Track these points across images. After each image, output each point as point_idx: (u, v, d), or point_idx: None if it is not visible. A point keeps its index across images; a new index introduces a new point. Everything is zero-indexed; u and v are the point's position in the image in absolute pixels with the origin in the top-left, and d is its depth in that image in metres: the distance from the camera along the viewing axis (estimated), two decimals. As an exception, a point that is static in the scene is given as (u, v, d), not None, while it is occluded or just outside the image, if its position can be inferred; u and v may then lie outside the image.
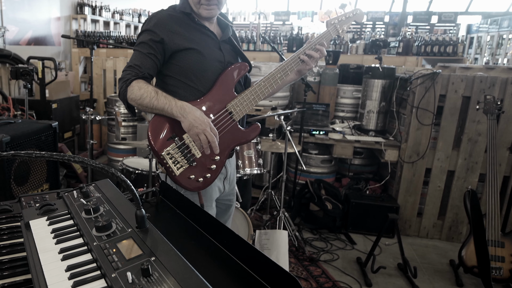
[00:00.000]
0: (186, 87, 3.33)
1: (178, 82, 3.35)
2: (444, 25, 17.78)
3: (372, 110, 7.41)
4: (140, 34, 3.31)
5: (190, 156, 3.21)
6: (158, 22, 3.22)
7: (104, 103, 9.81)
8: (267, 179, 7.67)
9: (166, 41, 3.19)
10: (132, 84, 3.11)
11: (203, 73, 3.33)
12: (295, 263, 5.80)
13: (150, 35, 3.19)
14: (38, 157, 1.84)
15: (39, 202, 2.36)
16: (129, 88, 3.12)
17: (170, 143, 3.18)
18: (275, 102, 7.54)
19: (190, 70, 3.31)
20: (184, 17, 3.32)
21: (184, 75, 3.33)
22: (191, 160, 3.21)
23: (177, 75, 3.34)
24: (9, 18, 8.70)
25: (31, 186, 5.33)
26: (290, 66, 3.54)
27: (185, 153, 3.20)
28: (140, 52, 3.22)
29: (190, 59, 3.28)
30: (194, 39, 3.30)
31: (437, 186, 6.57)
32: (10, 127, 5.23)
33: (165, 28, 3.21)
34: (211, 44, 3.39)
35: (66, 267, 1.60)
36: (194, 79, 3.33)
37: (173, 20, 3.27)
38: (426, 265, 5.90)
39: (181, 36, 3.25)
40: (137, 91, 3.09)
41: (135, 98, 3.11)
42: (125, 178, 1.80)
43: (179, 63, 3.30)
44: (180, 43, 3.24)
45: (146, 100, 3.09)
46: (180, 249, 1.58)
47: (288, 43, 10.25)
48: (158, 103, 3.10)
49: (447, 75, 6.24)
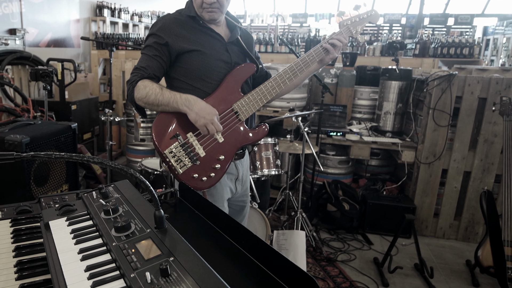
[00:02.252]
0: (192, 88, 3.38)
1: (184, 84, 3.42)
2: (460, 27, 17.67)
3: (389, 111, 7.42)
4: (146, 38, 3.41)
5: (194, 155, 3.25)
6: (162, 26, 3.31)
7: (123, 105, 9.82)
8: (284, 180, 7.67)
9: (170, 43, 3.27)
10: (138, 84, 3.21)
11: (208, 74, 3.39)
12: (312, 263, 5.82)
13: (155, 39, 3.30)
14: (57, 158, 1.88)
15: (58, 203, 2.39)
16: (135, 88, 3.21)
17: (173, 141, 3.23)
18: (293, 104, 7.56)
19: (195, 72, 3.37)
20: (189, 20, 3.39)
21: (189, 77, 3.40)
22: (194, 159, 3.24)
23: (182, 77, 3.41)
24: (28, 20, 8.75)
25: (51, 187, 5.35)
26: (299, 66, 3.55)
27: (189, 152, 3.25)
28: (146, 54, 3.32)
29: (195, 60, 3.35)
30: (199, 41, 3.37)
31: (454, 187, 6.57)
32: (30, 128, 5.25)
33: (169, 32, 3.29)
34: (217, 45, 3.43)
35: (86, 267, 1.63)
36: (199, 81, 3.39)
37: (178, 24, 3.35)
38: (443, 265, 5.91)
39: (185, 39, 3.33)
40: (143, 90, 3.18)
41: (141, 97, 3.19)
42: (144, 179, 1.84)
43: (184, 65, 3.38)
44: (184, 45, 3.31)
45: (151, 97, 3.17)
46: (198, 249, 1.61)
47: (306, 45, 10.25)
48: (163, 98, 3.17)
49: (463, 76, 6.24)
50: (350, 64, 8.05)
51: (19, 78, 8.43)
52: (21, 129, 5.15)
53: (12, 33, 8.26)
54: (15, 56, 8.04)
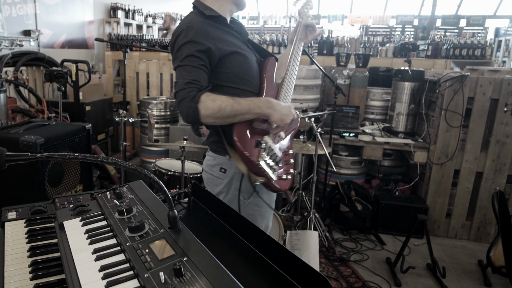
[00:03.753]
0: (239, 92, 3.14)
1: (230, 90, 3.13)
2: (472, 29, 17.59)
3: (401, 112, 7.42)
4: (180, 47, 3.03)
5: (275, 157, 3.12)
6: (197, 32, 3.00)
7: (137, 106, 9.82)
8: (297, 180, 7.69)
9: (213, 48, 3.00)
10: (203, 100, 2.86)
11: (251, 73, 3.24)
12: (325, 263, 5.84)
13: (196, 46, 2.97)
14: (72, 159, 1.88)
15: (73, 203, 2.40)
16: (200, 105, 2.85)
17: (258, 149, 3.01)
18: (306, 105, 7.56)
19: (239, 74, 3.18)
20: (214, 22, 3.16)
21: (234, 81, 3.17)
22: (278, 161, 3.12)
23: (227, 83, 3.16)
24: (43, 22, 8.77)
25: (65, 187, 5.38)
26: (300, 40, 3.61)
27: (272, 155, 3.09)
28: (190, 66, 2.96)
29: (236, 62, 3.15)
30: (232, 41, 3.19)
31: (466, 187, 6.59)
32: (45, 129, 5.27)
33: (207, 36, 3.01)
34: (241, 43, 3.30)
35: (100, 267, 1.64)
36: (245, 82, 3.21)
37: (208, 27, 3.08)
38: (455, 265, 5.92)
39: (223, 41, 3.10)
40: (212, 104, 2.86)
41: (213, 113, 2.87)
42: (158, 179, 1.83)
43: (227, 69, 3.13)
44: (225, 48, 3.08)
45: (227, 109, 2.89)
46: (211, 249, 1.61)
47: (319, 46, 10.22)
48: (241, 107, 2.94)
49: (475, 77, 6.26)
50: (363, 65, 8.05)
51: (34, 79, 8.46)
52: (35, 130, 5.17)
53: (26, 35, 8.29)
54: (29, 57, 8.07)
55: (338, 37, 10.02)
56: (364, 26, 18.13)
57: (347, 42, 9.92)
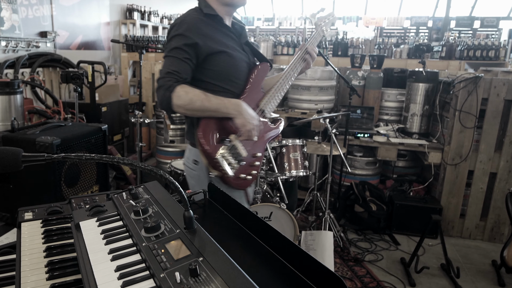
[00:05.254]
0: (222, 90, 3.31)
1: (213, 86, 3.31)
2: (486, 30, 17.50)
3: (415, 113, 7.43)
4: (171, 39, 3.23)
5: (238, 155, 3.23)
6: (189, 26, 3.18)
7: (153, 107, 9.83)
8: (312, 181, 7.70)
9: (200, 44, 3.15)
10: (177, 90, 3.04)
11: (236, 75, 3.36)
12: (340, 263, 5.86)
13: (184, 40, 3.14)
14: (88, 160, 1.89)
15: (89, 204, 2.38)
16: (174, 94, 3.04)
17: (221, 145, 3.17)
18: (321, 106, 7.58)
19: (224, 73, 3.31)
20: (210, 21, 3.31)
21: (218, 79, 3.32)
22: (239, 160, 3.23)
23: (211, 79, 3.32)
24: (59, 23, 8.82)
25: (81, 188, 5.42)
26: (298, 62, 3.67)
27: (234, 153, 3.21)
28: (175, 57, 3.16)
29: (223, 62, 3.28)
30: (224, 41, 3.32)
31: (480, 188, 6.59)
32: (61, 130, 5.32)
33: (197, 32, 3.18)
34: (235, 45, 3.43)
35: (116, 267, 1.62)
36: (228, 82, 3.35)
37: (202, 23, 3.25)
38: (469, 265, 5.93)
39: (212, 39, 3.24)
40: (185, 96, 3.04)
41: (183, 104, 3.05)
42: (173, 180, 1.83)
43: (212, 67, 3.28)
44: (213, 46, 3.21)
45: (197, 103, 3.06)
46: (227, 249, 1.58)
47: (333, 47, 10.22)
48: (210, 104, 3.08)
49: (489, 79, 6.26)
50: (377, 66, 8.06)
51: (50, 80, 8.50)
52: (52, 130, 5.22)
53: (43, 36, 8.33)
54: (46, 59, 8.11)
55: (353, 38, 10.01)
56: (379, 27, 18.09)
57: (362, 44, 9.91)
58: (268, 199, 5.25)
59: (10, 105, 6.14)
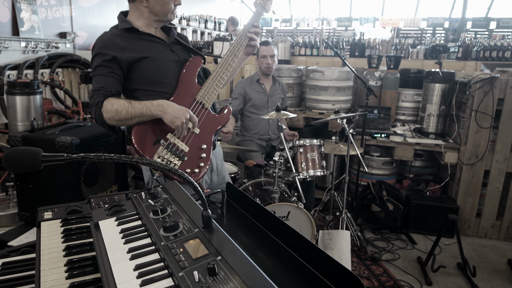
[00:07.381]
0: (153, 93, 3.49)
1: (144, 92, 3.52)
2: (502, 31, 17.40)
3: (432, 113, 7.44)
4: (92, 60, 3.44)
5: (179, 152, 3.38)
6: (104, 44, 3.39)
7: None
8: (330, 181, 7.72)
9: (118, 57, 3.34)
10: (104, 105, 3.24)
11: (164, 76, 3.54)
12: (357, 262, 5.88)
13: (102, 57, 3.34)
14: (107, 159, 1.93)
15: (108, 203, 2.46)
16: (102, 110, 3.25)
17: (157, 147, 3.34)
18: (338, 106, 7.61)
19: (151, 78, 3.49)
20: (126, 33, 3.49)
21: (147, 84, 3.51)
22: (181, 156, 3.37)
23: (141, 86, 3.52)
24: (79, 24, 8.85)
25: (100, 188, 5.42)
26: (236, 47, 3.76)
27: (174, 151, 3.36)
28: (99, 75, 3.36)
29: (147, 67, 3.47)
30: (143, 48, 3.49)
31: (496, 188, 6.58)
32: (80, 130, 5.32)
33: (113, 47, 3.36)
34: (161, 48, 3.61)
35: (135, 266, 1.65)
36: (158, 84, 3.53)
37: (117, 38, 3.43)
38: (485, 265, 5.92)
39: (130, 50, 3.42)
40: (111, 108, 3.23)
41: (112, 116, 3.25)
42: (192, 179, 1.86)
43: (138, 74, 3.48)
44: (131, 55, 3.41)
45: (123, 113, 3.23)
46: (245, 248, 1.61)
47: (351, 48, 10.23)
48: (135, 110, 3.25)
49: (505, 79, 6.24)
50: (394, 67, 8.05)
51: (69, 81, 8.52)
52: (71, 131, 5.22)
53: (62, 37, 8.38)
54: (65, 59, 8.14)
55: (370, 39, 10.03)
56: (396, 28, 18.04)
57: (379, 44, 9.93)
58: (285, 199, 5.27)
59: (30, 106, 6.19)
